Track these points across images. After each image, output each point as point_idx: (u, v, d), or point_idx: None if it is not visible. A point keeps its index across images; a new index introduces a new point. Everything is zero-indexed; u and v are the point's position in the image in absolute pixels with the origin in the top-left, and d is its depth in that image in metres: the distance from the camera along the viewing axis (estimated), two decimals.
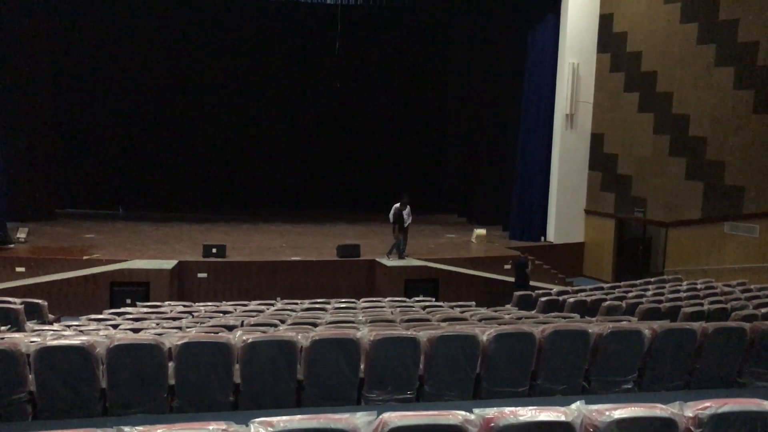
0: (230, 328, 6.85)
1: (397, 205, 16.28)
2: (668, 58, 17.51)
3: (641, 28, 18.25)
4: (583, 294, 11.95)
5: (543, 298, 11.04)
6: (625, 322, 6.96)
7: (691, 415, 3.10)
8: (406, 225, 16.37)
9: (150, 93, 22.42)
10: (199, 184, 23.36)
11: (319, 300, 10.85)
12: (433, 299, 12.57)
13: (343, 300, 10.91)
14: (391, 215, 16.32)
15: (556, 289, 13.52)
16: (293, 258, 16.17)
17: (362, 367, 5.18)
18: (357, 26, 21.66)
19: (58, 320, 10.78)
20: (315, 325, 7.41)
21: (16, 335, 6.61)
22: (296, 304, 10.53)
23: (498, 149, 22.03)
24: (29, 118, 19.41)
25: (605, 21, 19.27)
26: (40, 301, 10.66)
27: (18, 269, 14.78)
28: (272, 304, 10.58)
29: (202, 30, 22.18)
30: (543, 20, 19.39)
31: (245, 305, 10.58)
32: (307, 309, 9.82)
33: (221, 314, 9.32)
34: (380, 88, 24.32)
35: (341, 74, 22.95)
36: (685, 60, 17.08)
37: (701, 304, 9.35)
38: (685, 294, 11.14)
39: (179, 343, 4.92)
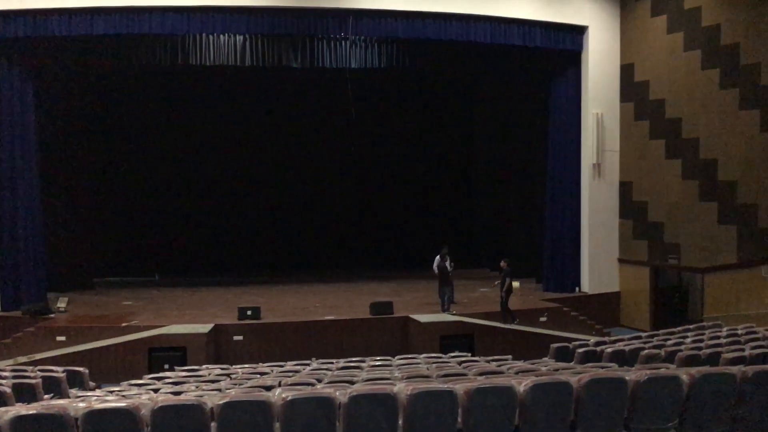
0: (268, 388, 6.93)
1: (438, 257, 16.79)
2: (692, 104, 17.62)
3: (663, 76, 18.44)
4: (621, 344, 11.79)
5: (580, 350, 10.92)
6: (663, 369, 6.89)
7: None
8: (450, 275, 16.85)
9: (179, 162, 23.13)
10: (232, 248, 23.71)
11: (354, 359, 10.87)
12: (469, 354, 12.50)
13: (378, 358, 10.92)
14: (435, 267, 16.75)
15: (593, 340, 13.36)
16: (327, 317, 16.25)
17: (400, 422, 5.21)
18: (383, 85, 22.22)
19: (98, 387, 10.95)
20: (352, 382, 7.45)
21: (62, 401, 6.77)
22: (332, 363, 10.56)
23: (527, 201, 22.12)
24: (67, 191, 20.10)
25: (626, 71, 19.52)
26: (81, 369, 10.89)
27: (59, 338, 15.10)
28: (308, 364, 10.63)
29: (234, 98, 22.97)
30: (565, 73, 19.72)
31: (281, 366, 10.64)
32: (343, 368, 9.85)
33: (258, 375, 9.39)
34: (408, 145, 24.72)
35: (369, 134, 23.41)
36: (708, 105, 17.17)
37: (742, 350, 9.18)
38: (725, 340, 10.94)
39: (220, 402, 5.01)
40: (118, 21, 16.47)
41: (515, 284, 19.11)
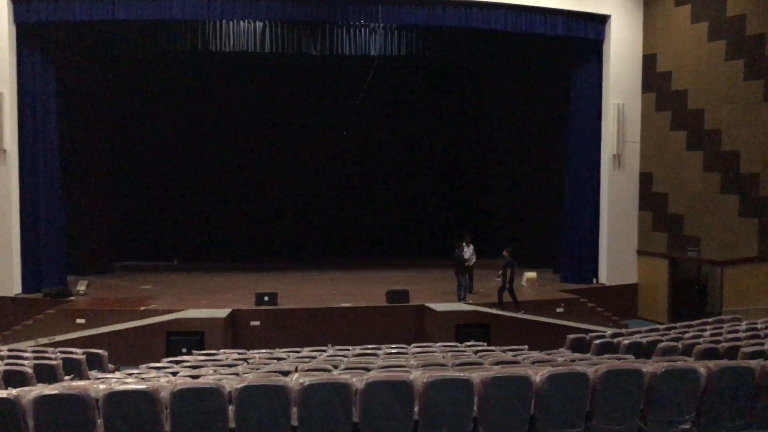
0: (285, 374, 6.98)
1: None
2: (715, 96, 17.39)
3: (685, 66, 18.21)
4: (638, 336, 11.72)
5: (597, 341, 10.88)
6: (680, 362, 6.86)
7: None
8: (469, 264, 16.90)
9: (199, 147, 23.22)
10: (250, 234, 23.80)
11: (370, 346, 10.91)
12: (485, 344, 12.50)
13: (394, 345, 10.95)
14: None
15: (610, 331, 13.28)
16: (343, 305, 16.32)
17: (416, 409, 5.24)
18: (400, 74, 22.17)
19: (117, 369, 11.09)
20: (368, 369, 7.49)
21: (82, 383, 6.87)
22: (347, 350, 10.61)
23: (545, 191, 22.01)
24: (87, 176, 20.30)
25: (648, 61, 19.30)
26: (100, 351, 11.02)
27: (78, 321, 15.30)
28: (324, 351, 10.68)
29: (254, 84, 22.97)
30: (586, 62, 19.55)
31: (298, 352, 10.70)
32: (359, 354, 9.88)
33: (275, 360, 9.46)
34: (426, 133, 24.63)
35: (386, 122, 23.39)
36: (732, 96, 16.94)
37: (762, 344, 9.10)
38: (744, 334, 10.84)
39: (239, 386, 5.07)
40: (139, 6, 16.56)
41: (532, 275, 19.14)
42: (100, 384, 6.55)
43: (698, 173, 17.89)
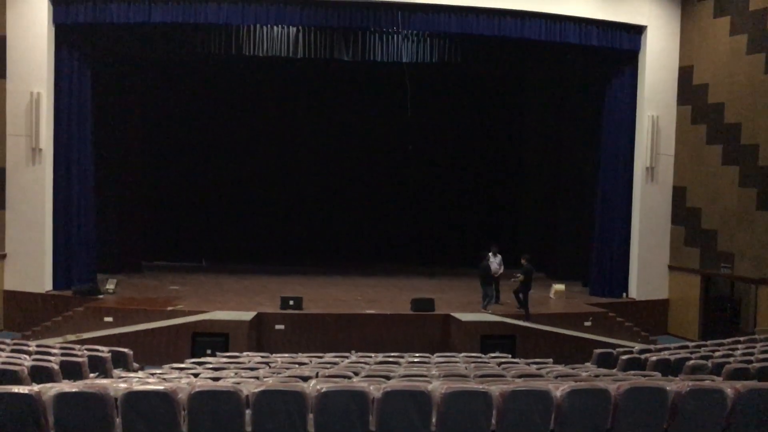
0: (305, 379, 6.98)
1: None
2: (752, 110, 17.04)
3: (723, 79, 17.88)
4: (666, 352, 11.50)
5: (624, 356, 10.70)
6: (707, 381, 6.69)
7: None
8: (496, 275, 16.90)
9: (231, 150, 23.42)
10: (278, 238, 23.92)
11: (393, 354, 10.86)
12: (510, 356, 12.37)
13: (417, 354, 10.89)
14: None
15: (638, 347, 13.06)
16: (368, 311, 16.29)
17: (433, 420, 5.18)
18: (432, 82, 22.14)
19: (142, 368, 11.21)
20: (388, 377, 7.44)
21: (105, 381, 6.94)
22: (370, 357, 10.58)
23: (577, 202, 21.77)
24: (119, 177, 20.61)
25: (685, 73, 18.99)
26: (125, 350, 11.17)
27: (106, 319, 15.50)
28: (347, 357, 10.67)
29: (285, 88, 23.14)
30: (620, 73, 19.29)
31: (320, 357, 10.71)
32: (381, 362, 9.85)
33: (297, 365, 9.47)
34: (457, 142, 24.53)
35: (417, 129, 23.36)
36: None
37: None
38: None
39: (256, 390, 5.07)
40: (175, 10, 16.79)
41: (560, 287, 18.92)
42: (122, 383, 6.61)
43: (734, 188, 17.52)
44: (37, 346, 10.57)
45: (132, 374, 9.31)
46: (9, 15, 16.92)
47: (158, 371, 9.29)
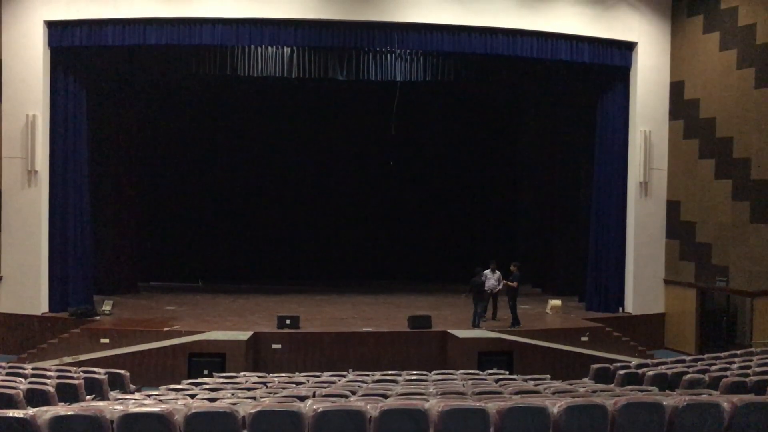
0: (302, 399, 6.96)
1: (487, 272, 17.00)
2: (744, 124, 17.18)
3: (714, 94, 18.04)
4: (663, 367, 11.50)
5: (621, 371, 10.70)
6: (704, 396, 6.70)
7: None
8: (490, 291, 16.88)
9: (226, 170, 23.55)
10: (274, 257, 23.95)
11: (390, 372, 10.84)
12: (507, 372, 12.36)
13: (415, 372, 10.87)
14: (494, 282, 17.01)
15: (635, 361, 13.05)
16: (365, 329, 16.26)
17: None
18: (428, 98, 22.30)
19: (139, 390, 11.16)
20: (385, 396, 7.44)
21: (101, 403, 6.92)
22: (367, 375, 10.57)
23: (571, 218, 21.84)
24: (115, 198, 20.64)
25: (676, 88, 19.16)
26: (122, 371, 11.13)
27: (102, 341, 15.44)
28: (344, 376, 10.65)
29: (279, 109, 23.27)
30: (612, 89, 19.44)
31: (317, 376, 10.69)
32: (378, 381, 9.84)
33: (294, 385, 9.45)
34: (452, 159, 24.63)
35: (412, 147, 23.49)
36: (761, 124, 16.73)
37: None
38: None
39: (253, 411, 5.06)
40: (169, 32, 16.90)
41: (556, 302, 18.93)
42: (118, 405, 6.59)
43: (727, 202, 17.62)
44: (33, 368, 10.52)
45: (128, 396, 9.27)
46: (5, 38, 17.02)
47: (155, 392, 9.26)
